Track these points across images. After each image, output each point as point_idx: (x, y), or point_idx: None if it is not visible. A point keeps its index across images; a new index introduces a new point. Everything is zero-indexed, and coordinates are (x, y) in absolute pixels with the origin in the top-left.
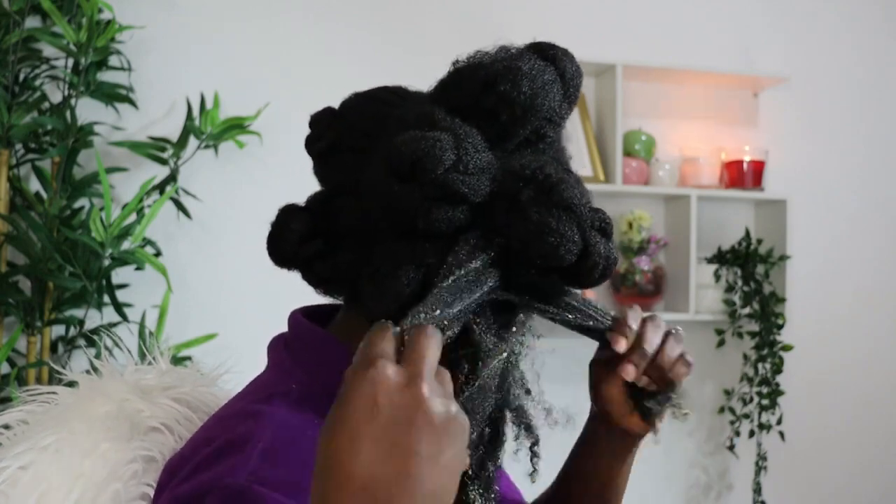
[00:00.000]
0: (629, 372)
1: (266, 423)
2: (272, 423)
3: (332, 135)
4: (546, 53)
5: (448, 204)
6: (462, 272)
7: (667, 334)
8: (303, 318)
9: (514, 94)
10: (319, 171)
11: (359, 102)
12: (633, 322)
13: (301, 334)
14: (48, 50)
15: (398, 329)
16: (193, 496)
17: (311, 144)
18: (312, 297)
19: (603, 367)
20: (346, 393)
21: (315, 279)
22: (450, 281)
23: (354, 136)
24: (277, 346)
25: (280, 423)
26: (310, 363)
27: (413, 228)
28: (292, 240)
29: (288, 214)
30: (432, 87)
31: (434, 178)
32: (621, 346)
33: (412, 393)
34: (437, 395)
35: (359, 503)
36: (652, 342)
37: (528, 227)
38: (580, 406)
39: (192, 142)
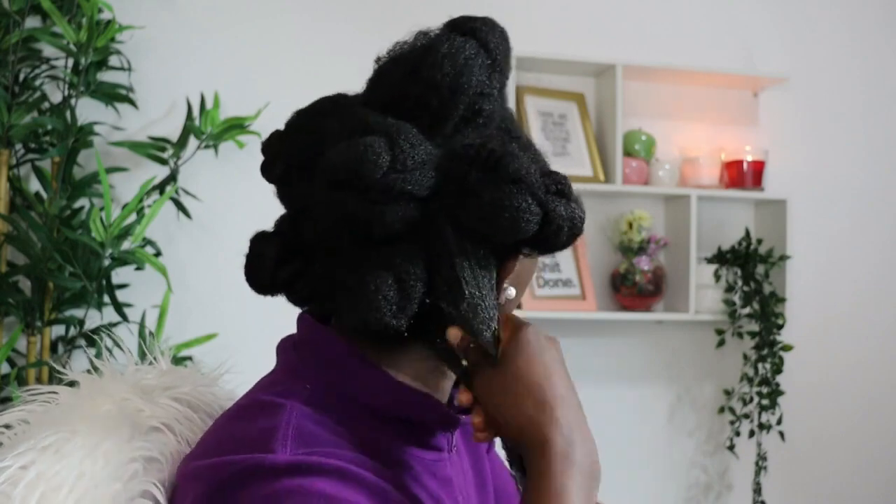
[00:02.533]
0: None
1: (289, 412)
2: (294, 412)
3: (282, 158)
4: (465, 28)
5: (396, 204)
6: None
7: None
8: (311, 318)
9: (437, 77)
10: (280, 195)
11: (299, 120)
12: None
13: (308, 334)
14: (48, 50)
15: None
16: (236, 475)
17: (267, 171)
18: None
19: None
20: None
21: (298, 300)
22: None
23: (300, 155)
24: (287, 347)
25: (300, 413)
26: (317, 363)
27: (371, 236)
28: (267, 266)
29: (259, 242)
30: (362, 88)
31: (374, 182)
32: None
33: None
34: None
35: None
36: None
37: (481, 209)
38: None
39: (192, 142)
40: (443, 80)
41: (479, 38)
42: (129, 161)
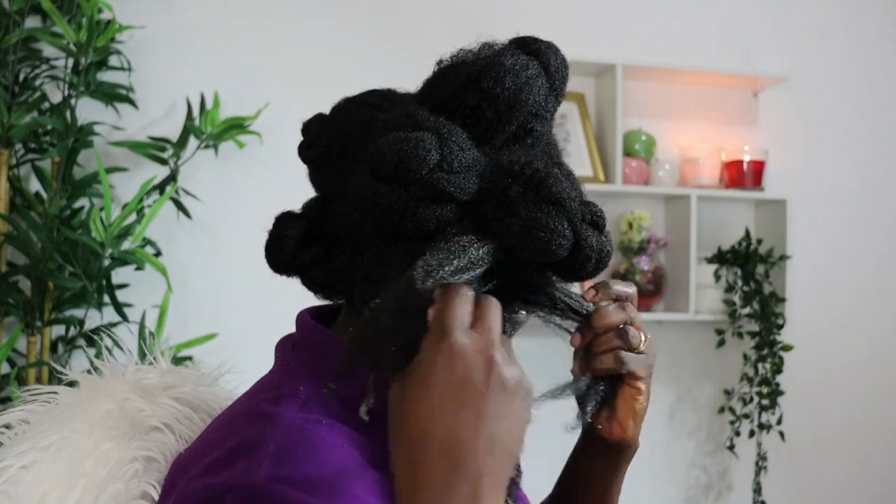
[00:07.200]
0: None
1: (276, 425)
2: (281, 424)
3: (323, 141)
4: (529, 48)
5: (435, 203)
6: (457, 255)
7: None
8: (309, 318)
9: (497, 91)
10: (313, 178)
11: (348, 107)
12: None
13: (307, 335)
14: (48, 50)
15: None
16: (209, 497)
17: (304, 152)
18: (311, 297)
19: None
20: (426, 360)
21: (313, 285)
22: (445, 248)
23: (343, 141)
24: (285, 347)
25: (289, 424)
26: (314, 364)
27: (402, 230)
28: (289, 247)
29: (284, 222)
30: (418, 88)
31: (419, 178)
32: (574, 341)
33: (486, 361)
34: (507, 363)
35: (441, 462)
36: (606, 318)
37: (517, 224)
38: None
39: (192, 142)
40: (502, 94)
41: (542, 60)
42: (129, 161)
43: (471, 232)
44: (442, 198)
